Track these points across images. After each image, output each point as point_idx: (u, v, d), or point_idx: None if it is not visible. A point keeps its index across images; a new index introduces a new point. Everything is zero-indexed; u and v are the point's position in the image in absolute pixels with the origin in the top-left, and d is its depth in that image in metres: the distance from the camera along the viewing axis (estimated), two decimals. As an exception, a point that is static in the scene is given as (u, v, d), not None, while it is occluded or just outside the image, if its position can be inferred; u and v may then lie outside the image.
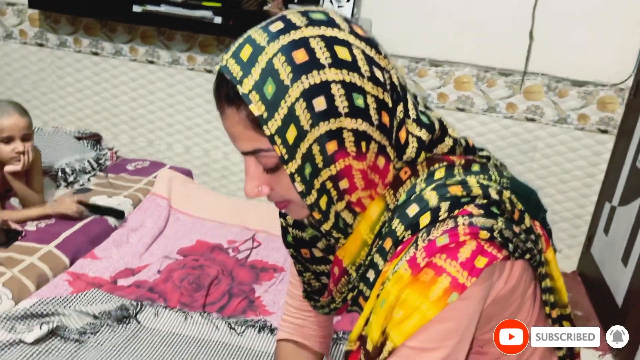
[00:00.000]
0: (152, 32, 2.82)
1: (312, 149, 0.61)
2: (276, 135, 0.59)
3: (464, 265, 0.59)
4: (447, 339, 0.62)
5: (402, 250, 0.63)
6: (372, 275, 0.67)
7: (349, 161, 0.63)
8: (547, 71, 2.49)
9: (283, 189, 0.65)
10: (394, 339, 0.62)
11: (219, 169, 2.98)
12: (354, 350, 0.67)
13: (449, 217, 0.62)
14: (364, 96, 0.62)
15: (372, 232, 0.67)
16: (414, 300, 0.60)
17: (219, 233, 1.98)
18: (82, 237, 1.77)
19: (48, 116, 3.03)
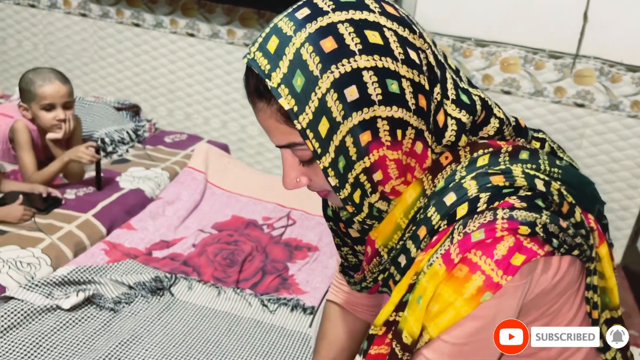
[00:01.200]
0: (193, 4, 2.80)
1: (346, 141, 0.59)
2: (308, 130, 0.58)
3: (499, 263, 0.57)
4: (479, 335, 0.61)
5: (438, 241, 0.61)
6: (403, 261, 0.66)
7: (383, 152, 0.61)
8: (601, 54, 2.37)
9: (320, 180, 0.64)
10: (430, 331, 0.62)
11: (254, 145, 2.97)
12: (379, 335, 0.67)
13: (487, 209, 0.59)
14: (399, 81, 0.59)
15: (406, 217, 0.66)
16: (448, 295, 0.60)
17: (254, 209, 1.97)
18: (119, 207, 1.78)
19: (89, 86, 3.06)
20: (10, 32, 3.06)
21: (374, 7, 0.59)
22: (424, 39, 0.63)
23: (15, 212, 1.60)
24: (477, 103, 0.65)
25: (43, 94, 1.73)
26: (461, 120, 0.63)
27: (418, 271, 0.62)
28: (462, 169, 0.63)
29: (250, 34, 2.77)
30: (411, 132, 0.61)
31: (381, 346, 0.68)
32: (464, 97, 0.64)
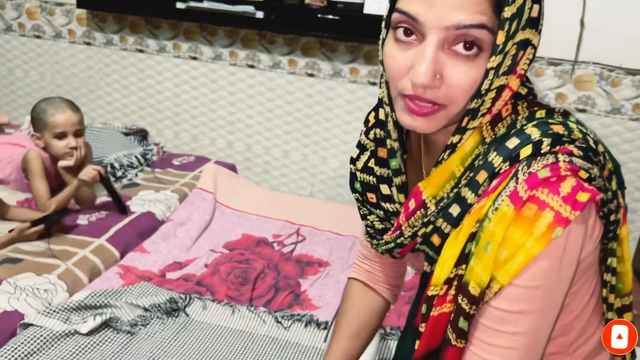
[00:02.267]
0: (195, 29, 2.85)
1: (511, 50, 0.60)
2: (508, 21, 0.57)
3: (566, 199, 0.58)
4: (551, 276, 0.61)
5: (499, 185, 0.61)
6: (456, 210, 0.65)
7: (512, 80, 0.63)
8: (599, 60, 2.39)
9: (456, 85, 0.60)
10: (499, 279, 0.61)
11: (260, 163, 3.00)
12: (440, 295, 0.65)
13: (550, 153, 0.60)
14: (541, 15, 0.63)
15: (462, 164, 0.65)
16: (518, 238, 0.59)
17: (264, 227, 1.99)
18: (132, 230, 1.81)
19: (96, 112, 3.11)
20: (17, 62, 3.13)
21: None
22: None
23: (22, 227, 1.62)
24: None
25: (55, 123, 1.77)
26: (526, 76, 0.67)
27: (480, 218, 0.61)
28: (522, 119, 0.65)
29: (252, 54, 2.82)
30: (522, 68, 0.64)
31: (444, 305, 0.65)
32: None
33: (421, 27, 0.59)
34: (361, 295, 0.93)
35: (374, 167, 0.77)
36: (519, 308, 0.62)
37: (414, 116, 0.62)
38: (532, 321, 0.62)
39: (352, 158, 0.81)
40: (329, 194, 2.96)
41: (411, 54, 0.60)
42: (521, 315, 0.62)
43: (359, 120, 2.78)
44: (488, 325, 0.64)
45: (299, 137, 2.91)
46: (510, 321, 0.62)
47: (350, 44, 2.68)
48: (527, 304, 0.62)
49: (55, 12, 2.99)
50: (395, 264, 0.94)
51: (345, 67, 2.73)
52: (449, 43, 0.59)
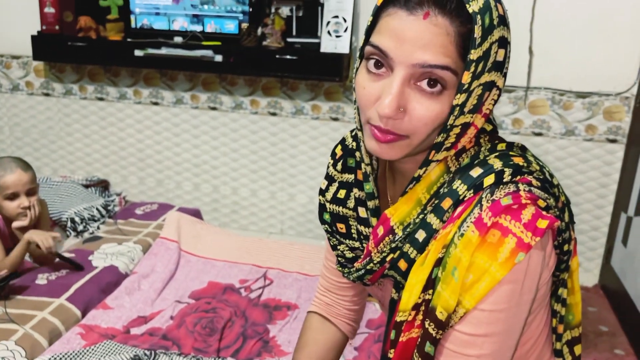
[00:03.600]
0: (155, 74, 2.86)
1: (476, 90, 0.63)
2: (474, 64, 0.60)
3: (527, 225, 0.61)
4: (514, 299, 0.63)
5: (464, 211, 0.64)
6: (421, 236, 0.67)
7: (479, 119, 0.66)
8: (550, 84, 2.47)
9: (418, 119, 0.63)
10: (465, 304, 0.63)
11: (228, 204, 2.98)
12: (408, 321, 0.67)
13: (511, 182, 0.64)
14: (506, 59, 0.66)
15: (428, 192, 0.68)
16: (483, 262, 0.61)
17: (230, 273, 1.97)
18: (93, 287, 1.77)
19: (57, 163, 3.07)
20: (-25, 118, 3.08)
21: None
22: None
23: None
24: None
25: (5, 184, 1.74)
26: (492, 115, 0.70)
27: (446, 243, 0.64)
28: (485, 150, 0.68)
29: (214, 97, 2.84)
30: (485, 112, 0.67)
31: (412, 330, 0.67)
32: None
33: (391, 61, 0.62)
34: (319, 328, 0.94)
35: (353, 190, 0.79)
36: (484, 331, 0.64)
37: (379, 143, 0.65)
38: (496, 343, 0.65)
39: (321, 189, 0.83)
40: (299, 230, 2.95)
41: (380, 85, 0.63)
42: (486, 339, 0.64)
43: (324, 155, 2.80)
44: (453, 349, 0.65)
45: (265, 176, 2.91)
46: (475, 344, 0.64)
47: (310, 82, 2.72)
48: (491, 327, 0.64)
49: (11, 64, 2.96)
50: (357, 297, 0.95)
51: (307, 105, 2.76)
52: (415, 79, 0.62)
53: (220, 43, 2.63)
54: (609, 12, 2.33)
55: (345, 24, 2.49)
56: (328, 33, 2.51)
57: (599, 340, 2.15)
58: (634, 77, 2.36)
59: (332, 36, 2.51)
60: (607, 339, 2.21)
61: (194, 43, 2.63)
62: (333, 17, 2.51)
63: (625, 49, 2.34)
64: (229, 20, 2.64)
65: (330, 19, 2.51)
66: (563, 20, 2.36)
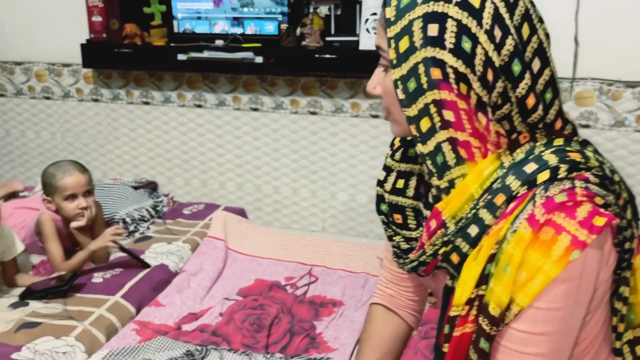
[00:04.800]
0: (198, 78, 2.93)
1: (419, 67, 0.67)
2: (392, 40, 0.68)
3: (582, 223, 0.60)
4: (570, 297, 0.63)
5: (517, 207, 0.63)
6: (474, 231, 0.67)
7: (453, 97, 0.66)
8: (597, 75, 2.41)
9: (387, 94, 0.72)
10: (519, 301, 0.63)
11: (271, 203, 3.03)
12: (462, 315, 0.68)
13: (566, 178, 0.63)
14: (474, 43, 0.65)
15: (481, 187, 0.68)
16: (536, 260, 0.61)
17: (276, 270, 2.00)
18: (146, 285, 1.83)
19: (107, 166, 3.18)
20: (28, 125, 3.22)
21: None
22: (533, 32, 0.68)
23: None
24: (554, 107, 0.70)
25: (64, 186, 1.82)
26: (547, 105, 0.69)
27: (499, 239, 0.64)
28: (540, 146, 0.68)
29: (254, 98, 2.88)
30: (474, 96, 0.66)
31: (465, 325, 0.68)
32: (548, 95, 0.69)
33: None
34: (384, 320, 0.95)
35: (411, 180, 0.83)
36: (541, 330, 0.64)
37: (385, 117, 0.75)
38: (554, 342, 0.64)
39: (379, 180, 0.85)
40: (340, 228, 2.97)
41: None
42: (543, 337, 0.64)
43: (364, 152, 2.81)
44: (510, 347, 0.66)
45: (306, 174, 2.94)
46: (532, 343, 0.64)
47: (349, 80, 2.73)
48: (548, 325, 0.64)
49: (62, 73, 3.09)
50: (418, 288, 0.95)
51: (347, 103, 2.77)
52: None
53: (260, 44, 2.67)
54: (659, -3, 2.24)
55: (384, 21, 2.49)
56: (367, 30, 2.52)
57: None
58: (687, 64, 2.27)
59: (371, 33, 2.51)
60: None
61: (235, 45, 2.68)
62: (372, 15, 2.51)
63: (677, 35, 2.25)
64: (268, 22, 2.68)
65: (369, 17, 2.51)
66: (609, 8, 2.29)
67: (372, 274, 1.98)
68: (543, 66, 0.68)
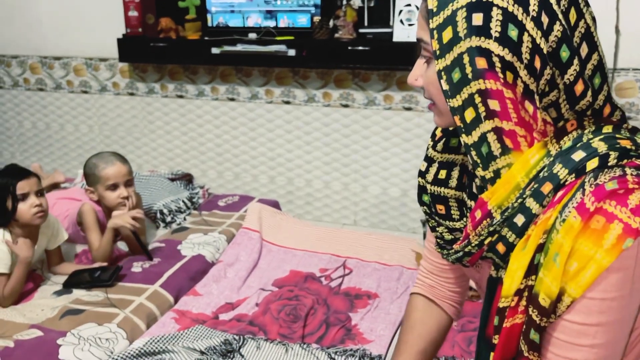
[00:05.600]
0: (231, 71, 2.96)
1: (463, 57, 0.66)
2: (435, 31, 0.67)
3: (634, 211, 0.58)
4: (625, 287, 0.61)
5: (565, 195, 0.62)
6: (520, 220, 0.66)
7: (499, 86, 0.65)
8: (639, 65, 2.34)
9: (430, 85, 0.72)
10: (571, 292, 0.62)
11: (303, 196, 3.04)
12: (511, 307, 0.67)
13: (617, 166, 0.61)
14: (520, 31, 0.64)
15: (527, 176, 0.67)
16: (587, 250, 0.60)
17: (310, 262, 2.02)
18: (183, 274, 1.87)
19: (142, 159, 3.24)
20: (67, 118, 3.31)
21: None
22: (581, 17, 0.66)
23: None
24: (602, 92, 0.69)
25: (107, 175, 1.87)
26: (597, 91, 0.68)
27: (547, 229, 0.63)
28: (588, 133, 0.66)
29: (287, 91, 2.89)
30: (520, 84, 0.65)
31: (515, 316, 0.67)
32: (596, 80, 0.68)
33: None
34: (425, 310, 0.95)
35: (454, 171, 0.83)
36: (596, 320, 0.63)
37: (430, 107, 0.76)
38: (608, 333, 0.63)
39: (421, 171, 0.85)
40: (372, 221, 2.97)
41: None
42: (598, 328, 0.63)
43: (397, 145, 2.79)
44: (564, 339, 0.65)
45: (338, 167, 2.94)
46: (587, 334, 0.63)
47: (382, 72, 2.71)
48: (603, 316, 0.62)
49: (99, 67, 3.15)
50: (460, 280, 0.95)
51: (379, 95, 2.76)
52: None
53: (293, 37, 2.67)
54: None
55: (418, 12, 2.47)
56: (400, 22, 2.50)
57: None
58: None
59: (405, 25, 2.49)
60: None
61: (268, 39, 2.69)
62: (406, 6, 2.49)
63: None
64: (301, 14, 2.68)
65: (402, 8, 2.49)
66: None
67: (407, 267, 1.98)
68: (591, 51, 0.67)
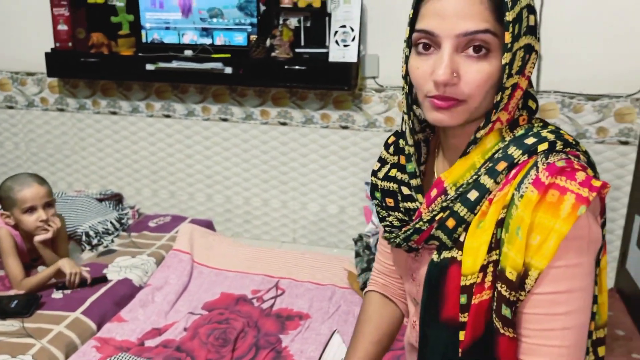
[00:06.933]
0: (166, 88, 2.90)
1: (519, 52, 0.69)
2: (511, 24, 0.67)
3: (582, 184, 0.65)
4: (583, 253, 0.66)
5: (519, 172, 0.68)
6: (474, 195, 0.71)
7: (524, 80, 0.71)
8: (560, 88, 2.46)
9: (472, 81, 0.69)
10: (537, 265, 0.65)
11: (241, 214, 3.01)
12: (478, 283, 0.69)
13: (562, 152, 0.68)
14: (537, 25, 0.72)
15: (482, 157, 0.72)
16: (547, 222, 0.64)
17: (242, 283, 1.99)
18: (108, 300, 1.80)
19: (72, 177, 3.12)
20: (-8, 134, 3.15)
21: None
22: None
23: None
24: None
25: (23, 198, 1.78)
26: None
27: (506, 204, 0.67)
28: (537, 126, 0.73)
29: (224, 108, 2.87)
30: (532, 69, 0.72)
31: (483, 293, 0.69)
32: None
33: (437, 38, 0.69)
34: (380, 304, 0.98)
35: (397, 174, 0.85)
36: (565, 287, 0.66)
37: (440, 111, 0.71)
38: (579, 299, 0.67)
39: (374, 170, 0.90)
40: (311, 238, 2.97)
41: (431, 62, 0.70)
42: (570, 295, 0.67)
43: (334, 163, 2.81)
44: (540, 312, 0.67)
45: (277, 185, 2.93)
46: (560, 302, 0.67)
47: (319, 91, 2.74)
48: (571, 282, 0.66)
49: (27, 81, 3.03)
50: None
51: (317, 114, 2.78)
52: (461, 48, 0.69)
53: (229, 55, 2.66)
54: (618, 13, 2.31)
55: (352, 33, 2.51)
56: (336, 42, 2.53)
57: (615, 344, 2.12)
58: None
59: (340, 45, 2.53)
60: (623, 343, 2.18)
61: (204, 56, 2.66)
62: (340, 27, 2.53)
63: (635, 50, 2.32)
64: (237, 33, 2.67)
65: (337, 29, 2.53)
66: (571, 23, 2.35)
67: (339, 286, 1.98)
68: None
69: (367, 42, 2.62)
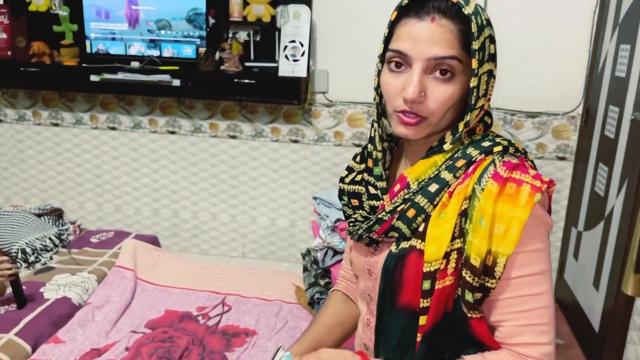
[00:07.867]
0: (112, 99, 2.83)
1: (483, 77, 0.77)
2: (477, 52, 0.75)
3: (535, 177, 0.74)
4: (544, 239, 0.76)
5: (477, 168, 0.77)
6: (434, 188, 0.79)
7: (486, 102, 0.80)
8: (502, 105, 2.56)
9: (436, 100, 0.77)
10: (503, 251, 0.73)
11: (189, 228, 2.95)
12: (441, 269, 0.76)
13: (514, 155, 0.78)
14: (495, 53, 0.80)
15: (443, 157, 0.81)
16: (508, 211, 0.73)
17: (188, 300, 1.94)
18: (44, 320, 1.71)
19: (10, 190, 2.99)
20: None
21: None
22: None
23: None
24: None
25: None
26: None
27: (467, 195, 0.76)
28: (492, 135, 0.83)
29: (172, 121, 2.82)
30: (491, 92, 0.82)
31: (445, 279, 0.76)
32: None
33: (409, 59, 0.77)
34: (341, 300, 1.06)
35: (364, 176, 0.93)
36: (537, 269, 0.75)
37: (406, 126, 0.79)
38: (549, 280, 0.76)
39: (342, 177, 0.98)
40: (261, 252, 2.94)
41: (402, 79, 0.78)
42: (541, 276, 0.75)
43: (284, 177, 2.81)
44: (518, 294, 0.75)
45: (226, 199, 2.90)
46: (535, 283, 0.75)
47: (269, 105, 2.74)
48: (539, 265, 0.75)
49: (-38, 91, 2.89)
50: None
51: (267, 127, 2.78)
52: (429, 70, 0.77)
53: (177, 67, 2.62)
54: (554, 35, 2.43)
55: (302, 49, 2.53)
56: (285, 57, 2.54)
57: (555, 353, 2.20)
58: (579, 97, 2.46)
59: (290, 60, 2.54)
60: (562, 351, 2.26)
61: (152, 68, 2.62)
62: (290, 42, 2.54)
63: (571, 70, 2.45)
64: (186, 45, 2.64)
65: (287, 44, 2.54)
66: (511, 44, 2.46)
67: (287, 301, 1.97)
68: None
69: (316, 58, 2.64)
